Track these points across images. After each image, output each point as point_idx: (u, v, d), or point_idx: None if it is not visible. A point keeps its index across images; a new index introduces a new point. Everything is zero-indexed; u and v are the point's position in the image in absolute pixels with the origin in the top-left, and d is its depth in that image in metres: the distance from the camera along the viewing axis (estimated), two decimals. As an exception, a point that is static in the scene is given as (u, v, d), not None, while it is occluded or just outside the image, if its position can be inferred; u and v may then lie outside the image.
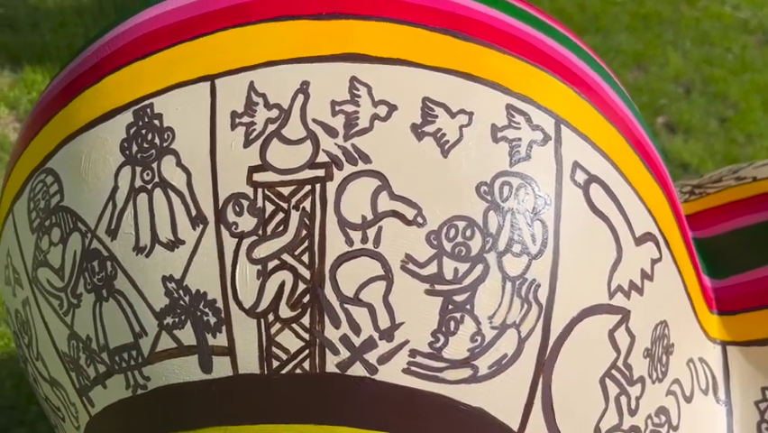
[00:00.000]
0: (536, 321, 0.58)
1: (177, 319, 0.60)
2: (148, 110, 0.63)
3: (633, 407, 0.64)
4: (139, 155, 0.62)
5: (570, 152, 0.61)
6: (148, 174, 0.62)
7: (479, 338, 0.57)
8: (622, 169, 0.65)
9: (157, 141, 0.62)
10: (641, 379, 0.65)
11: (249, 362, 0.58)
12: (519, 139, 0.60)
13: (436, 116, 0.59)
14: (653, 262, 0.66)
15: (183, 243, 0.60)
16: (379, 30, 0.61)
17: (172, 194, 0.61)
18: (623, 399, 0.64)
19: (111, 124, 0.64)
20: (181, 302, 0.60)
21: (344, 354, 0.56)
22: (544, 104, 0.62)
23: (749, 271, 0.81)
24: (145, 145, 0.62)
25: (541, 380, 0.59)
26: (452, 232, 0.57)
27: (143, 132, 0.62)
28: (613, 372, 0.62)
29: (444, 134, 0.58)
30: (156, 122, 0.62)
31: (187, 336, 0.60)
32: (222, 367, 0.59)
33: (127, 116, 0.63)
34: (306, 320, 0.57)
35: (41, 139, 0.70)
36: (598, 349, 0.61)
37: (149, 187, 0.61)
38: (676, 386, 0.70)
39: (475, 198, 0.58)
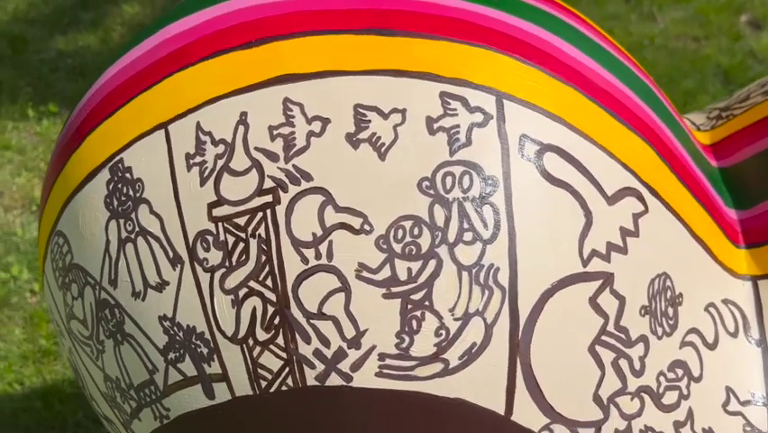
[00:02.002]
0: (501, 305, 0.58)
1: (178, 354, 0.65)
2: (120, 165, 0.67)
3: (637, 368, 0.63)
4: (120, 208, 0.67)
5: (515, 127, 0.60)
6: (129, 225, 0.66)
7: (443, 332, 0.58)
8: (583, 129, 0.63)
9: (131, 192, 0.66)
10: (642, 338, 0.63)
11: (242, 385, 0.62)
12: (457, 126, 0.59)
13: (369, 121, 0.59)
14: (636, 216, 0.64)
15: (168, 283, 0.64)
16: (304, 46, 0.62)
17: (152, 240, 0.65)
18: (622, 362, 0.62)
19: (94, 182, 0.69)
20: (177, 338, 0.64)
21: (320, 367, 0.59)
22: (481, 82, 0.61)
23: (775, 197, 0.76)
24: (123, 198, 0.67)
25: (519, 361, 0.58)
26: (400, 233, 0.58)
27: (119, 186, 0.67)
28: (604, 338, 0.61)
29: (380, 138, 0.59)
30: (128, 175, 0.66)
31: (189, 367, 0.64)
32: (222, 393, 0.63)
33: (105, 174, 0.68)
34: (280, 340, 0.60)
35: (50, 203, 0.77)
36: (579, 319, 0.60)
37: (132, 236, 0.66)
38: (693, 336, 0.67)
39: (417, 195, 0.58)
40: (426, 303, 0.57)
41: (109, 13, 2.20)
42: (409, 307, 0.57)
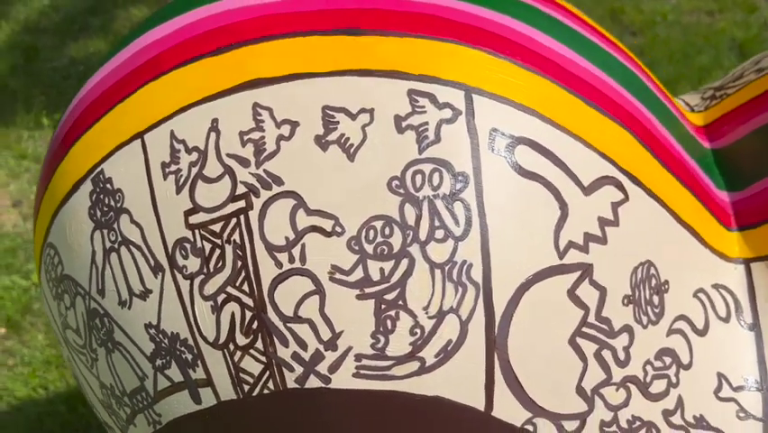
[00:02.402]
0: (475, 301, 0.58)
1: (164, 361, 0.66)
2: (101, 176, 0.68)
3: (621, 358, 0.62)
4: (103, 219, 0.68)
5: (485, 121, 0.60)
6: (112, 235, 0.67)
7: (418, 331, 0.57)
8: (556, 119, 0.62)
9: (112, 203, 0.67)
10: (626, 328, 0.63)
11: (226, 389, 0.62)
12: (426, 123, 0.59)
13: (338, 122, 0.59)
14: (616, 205, 0.63)
15: (151, 291, 0.65)
16: (272, 50, 0.62)
17: (134, 249, 0.66)
18: (606, 353, 0.62)
19: (78, 194, 0.70)
20: (163, 345, 0.65)
21: (299, 369, 0.59)
22: (450, 78, 0.60)
23: (765, 178, 0.74)
24: (105, 209, 0.67)
25: (496, 356, 0.58)
26: (372, 233, 0.58)
27: (101, 197, 0.68)
28: (584, 329, 0.61)
29: (348, 139, 0.59)
30: (108, 186, 0.67)
31: (175, 373, 0.65)
32: (207, 397, 0.64)
33: (88, 185, 0.69)
34: (259, 345, 0.60)
35: (41, 215, 0.78)
36: (557, 312, 0.60)
37: (116, 246, 0.67)
38: (682, 323, 0.66)
39: (387, 194, 0.58)
40: (400, 302, 0.57)
41: (118, 17, 2.22)
42: (383, 307, 0.57)
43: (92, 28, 2.20)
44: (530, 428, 0.60)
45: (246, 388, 0.61)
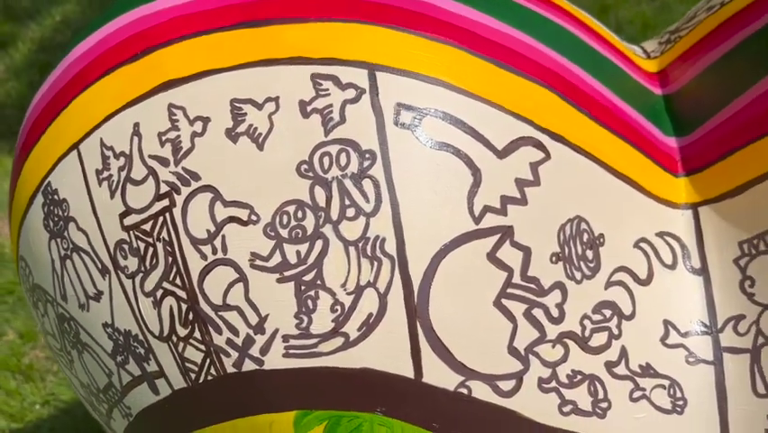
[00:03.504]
0: (392, 273, 0.59)
1: (123, 357, 0.69)
2: (48, 188, 0.71)
3: (555, 315, 0.63)
4: (55, 228, 0.71)
5: (390, 97, 0.60)
6: (65, 243, 0.70)
7: (338, 307, 0.59)
8: (465, 86, 0.62)
9: (60, 213, 0.70)
10: (557, 285, 0.63)
11: (176, 379, 0.65)
12: (330, 105, 0.60)
13: (245, 114, 0.61)
14: (535, 165, 0.63)
15: (103, 293, 0.68)
16: (181, 50, 0.64)
17: (83, 254, 0.69)
18: (537, 312, 0.62)
19: (34, 207, 0.74)
20: (119, 342, 0.68)
21: (234, 354, 0.62)
22: (352, 58, 0.61)
23: (711, 119, 0.73)
24: (56, 219, 0.71)
25: (419, 325, 0.59)
26: (285, 219, 0.59)
27: (51, 208, 0.71)
28: (510, 290, 0.61)
29: (256, 129, 0.61)
30: (56, 197, 0.71)
31: (134, 368, 0.68)
32: (163, 388, 0.67)
33: (40, 198, 0.73)
34: (197, 334, 0.63)
35: (11, 231, 0.82)
36: (478, 276, 0.60)
37: (69, 253, 0.70)
38: (622, 274, 0.66)
39: (297, 179, 0.59)
40: (318, 282, 0.59)
41: (127, 26, 2.27)
42: (303, 288, 0.59)
43: (103, 39, 2.26)
44: (464, 390, 0.61)
45: (193, 376, 0.64)
